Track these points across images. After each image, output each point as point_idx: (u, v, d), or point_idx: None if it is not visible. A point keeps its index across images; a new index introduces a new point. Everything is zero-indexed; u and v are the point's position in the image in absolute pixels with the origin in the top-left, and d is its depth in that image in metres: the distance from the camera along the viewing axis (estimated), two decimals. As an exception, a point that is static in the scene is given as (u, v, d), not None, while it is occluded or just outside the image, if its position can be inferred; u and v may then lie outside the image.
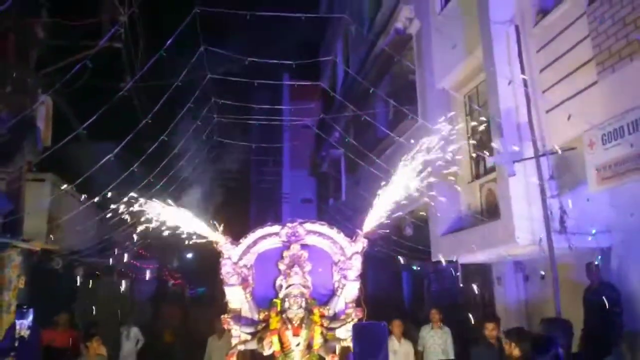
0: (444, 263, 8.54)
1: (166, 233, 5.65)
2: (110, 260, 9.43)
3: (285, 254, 5.43)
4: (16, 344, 2.12)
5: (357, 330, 1.33)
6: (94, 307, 11.00)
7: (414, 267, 11.25)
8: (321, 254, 5.60)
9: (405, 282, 12.90)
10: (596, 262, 6.18)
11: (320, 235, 5.59)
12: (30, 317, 2.23)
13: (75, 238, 10.13)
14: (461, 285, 8.60)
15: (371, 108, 11.84)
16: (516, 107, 7.03)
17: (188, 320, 17.85)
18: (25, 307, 2.18)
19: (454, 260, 8.61)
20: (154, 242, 11.55)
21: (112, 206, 5.63)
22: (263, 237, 5.60)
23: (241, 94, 10.51)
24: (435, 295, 11.30)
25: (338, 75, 16.18)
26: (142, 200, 5.52)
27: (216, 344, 8.27)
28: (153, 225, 5.57)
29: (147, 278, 16.04)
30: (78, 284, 10.28)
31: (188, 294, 28.72)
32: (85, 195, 7.59)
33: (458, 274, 8.46)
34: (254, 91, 12.42)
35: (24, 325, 2.20)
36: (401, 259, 9.84)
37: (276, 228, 5.61)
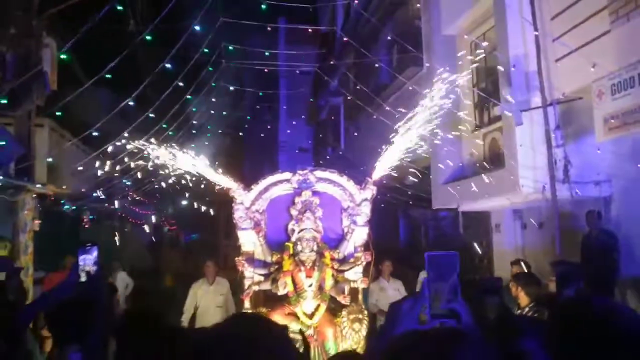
0: (445, 211, 8.71)
1: (172, 179, 5.68)
2: (116, 203, 9.48)
3: (297, 200, 5.50)
4: (84, 279, 2.20)
5: (430, 259, 1.42)
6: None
7: (415, 214, 11.47)
8: (331, 200, 5.68)
9: (402, 228, 13.16)
10: (597, 211, 6.35)
11: (331, 182, 5.65)
12: (95, 253, 2.29)
13: (78, 184, 10.15)
14: (461, 231, 8.81)
15: (373, 55, 11.68)
16: (525, 56, 7.00)
17: (187, 264, 18.20)
18: (89, 244, 2.23)
19: (455, 207, 8.78)
20: (154, 188, 11.64)
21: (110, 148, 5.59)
22: (274, 184, 5.65)
23: (237, 41, 10.33)
24: (432, 242, 11.59)
25: (338, 21, 15.82)
26: (143, 143, 5.52)
27: (206, 289, 7.58)
28: (153, 168, 5.58)
29: (145, 223, 16.20)
30: (84, 227, 10.37)
31: (183, 240, 29.18)
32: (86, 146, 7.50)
33: (459, 220, 8.63)
34: (250, 37, 12.17)
35: (88, 261, 2.26)
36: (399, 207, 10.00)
37: (287, 175, 5.65)
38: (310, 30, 12.79)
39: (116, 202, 9.82)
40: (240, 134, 17.82)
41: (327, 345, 5.10)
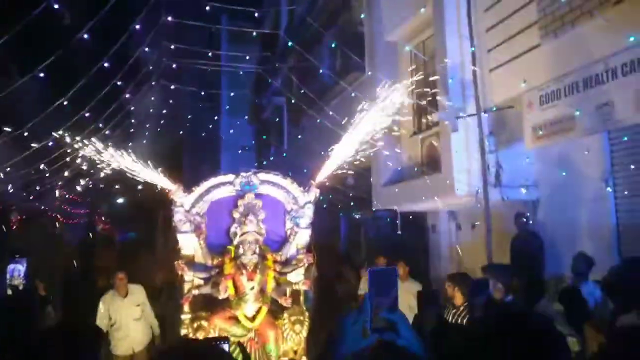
0: (383, 212, 8.92)
1: (103, 176, 5.47)
2: (44, 204, 9.00)
3: (240, 202, 5.47)
4: (9, 293, 2.08)
5: (372, 274, 1.49)
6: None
7: (355, 215, 11.66)
8: (274, 203, 5.70)
9: (343, 229, 13.36)
10: (525, 213, 6.74)
11: (274, 185, 5.67)
12: (25, 265, 2.17)
13: (4, 181, 9.58)
14: (399, 232, 9.06)
15: (317, 57, 11.77)
16: (461, 65, 7.30)
17: (121, 264, 17.54)
18: (17, 255, 2.11)
19: (393, 209, 9.03)
20: (87, 186, 11.18)
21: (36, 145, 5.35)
22: (216, 186, 5.60)
23: (178, 39, 10.13)
24: (372, 241, 11.84)
25: (282, 22, 15.82)
26: (76, 139, 5.34)
27: (119, 303, 6.80)
28: (85, 166, 5.40)
29: (78, 223, 15.51)
30: (12, 228, 9.80)
31: (118, 239, 28.12)
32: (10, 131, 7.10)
33: (398, 221, 8.88)
34: (191, 35, 11.95)
35: (17, 273, 2.14)
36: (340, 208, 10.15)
37: (230, 177, 5.61)
38: (254, 33, 12.69)
39: (45, 202, 9.34)
40: (181, 132, 17.40)
41: (268, 347, 5.13)
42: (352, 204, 10.30)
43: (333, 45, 10.80)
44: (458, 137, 7.09)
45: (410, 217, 9.62)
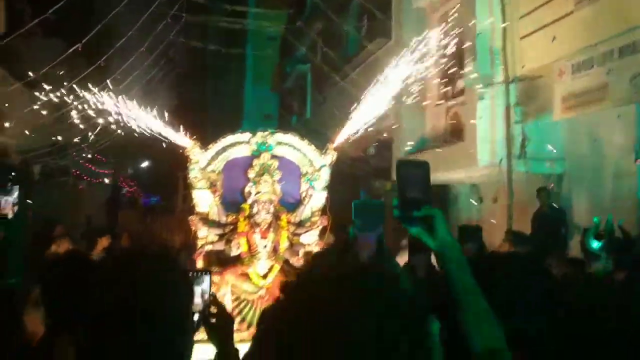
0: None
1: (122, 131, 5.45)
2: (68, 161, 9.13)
3: (255, 162, 5.41)
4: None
5: (357, 206, 1.44)
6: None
7: (375, 185, 11.57)
8: (290, 165, 5.62)
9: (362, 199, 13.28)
10: (549, 187, 6.54)
11: (291, 146, 5.59)
12: (16, 194, 2.17)
13: (29, 136, 9.74)
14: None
15: (343, 22, 11.52)
16: (491, 32, 7.04)
17: (144, 226, 17.88)
18: (9, 184, 2.12)
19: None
20: (110, 144, 11.30)
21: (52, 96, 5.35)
22: (233, 145, 5.54)
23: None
24: (391, 212, 11.73)
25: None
26: (93, 91, 5.33)
27: None
28: (112, 123, 5.40)
29: (102, 182, 15.77)
30: (35, 181, 9.99)
31: (142, 202, 28.66)
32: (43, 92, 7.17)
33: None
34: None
35: (7, 203, 2.15)
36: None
37: (246, 136, 5.54)
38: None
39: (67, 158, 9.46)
40: (203, 94, 17.39)
41: (278, 306, 5.15)
42: (372, 174, 10.19)
43: (359, 6, 10.49)
44: (484, 105, 6.90)
45: (432, 188, 9.44)
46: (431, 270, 1.93)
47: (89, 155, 12.33)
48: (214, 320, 1.67)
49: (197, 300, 1.60)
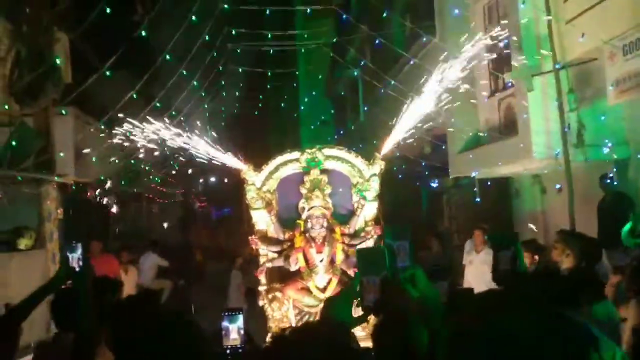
0: (465, 179, 8.67)
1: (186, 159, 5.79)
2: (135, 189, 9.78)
3: (306, 178, 5.63)
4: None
5: (359, 253, 1.58)
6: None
7: (433, 185, 11.47)
8: (340, 177, 5.79)
9: (424, 198, 13.19)
10: (610, 174, 6.27)
11: (339, 159, 5.74)
12: (80, 251, 2.49)
13: (102, 169, 10.50)
14: (477, 200, 8.80)
15: (387, 26, 11.53)
16: (536, 19, 6.84)
17: (216, 239, 18.68)
18: (74, 242, 2.43)
19: (472, 176, 8.76)
20: (178, 169, 11.95)
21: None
22: (284, 164, 5.78)
23: (253, 24, 10.38)
24: (455, 209, 11.58)
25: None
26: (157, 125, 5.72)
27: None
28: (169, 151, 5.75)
29: (175, 201, 16.64)
30: (113, 210, 10.77)
31: (214, 215, 29.84)
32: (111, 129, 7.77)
33: (475, 189, 8.62)
34: (266, 19, 12.16)
35: (74, 258, 2.46)
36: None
37: (296, 154, 5.76)
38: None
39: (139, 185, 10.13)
40: (256, 112, 17.94)
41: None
42: (428, 173, 10.12)
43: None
44: (534, 96, 6.71)
45: (489, 182, 9.26)
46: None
47: (158, 179, 13.10)
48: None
49: (234, 336, 1.80)
